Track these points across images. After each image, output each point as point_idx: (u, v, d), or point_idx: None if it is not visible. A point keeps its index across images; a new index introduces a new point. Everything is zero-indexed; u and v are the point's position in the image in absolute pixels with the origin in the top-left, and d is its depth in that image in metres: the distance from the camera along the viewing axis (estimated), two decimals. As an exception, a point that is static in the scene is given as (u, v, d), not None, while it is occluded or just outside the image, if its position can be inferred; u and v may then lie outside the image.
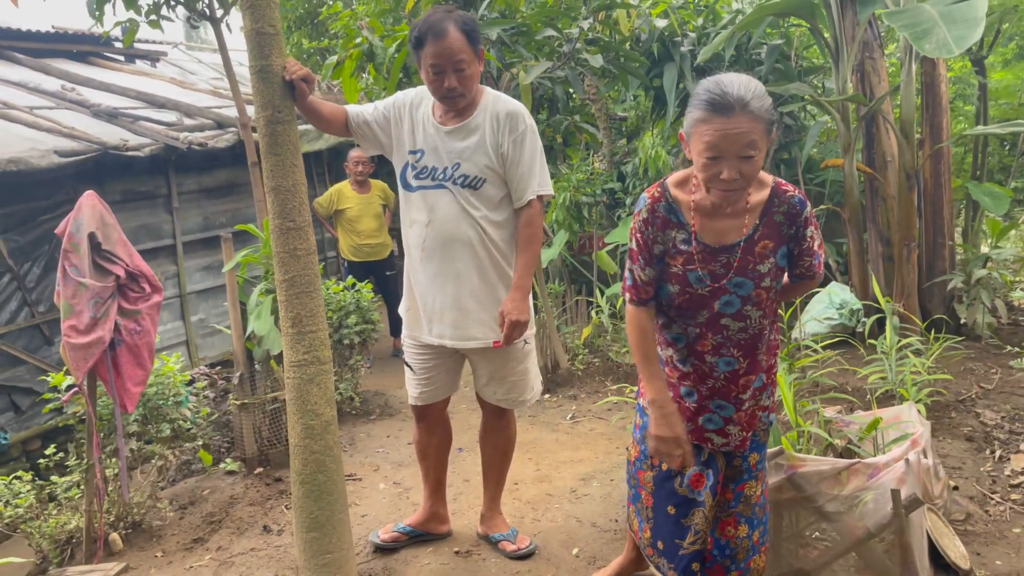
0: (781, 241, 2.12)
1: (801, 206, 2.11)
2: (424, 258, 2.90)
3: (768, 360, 2.29)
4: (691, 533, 2.35)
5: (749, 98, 1.91)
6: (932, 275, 5.57)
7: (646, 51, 6.53)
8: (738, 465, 2.33)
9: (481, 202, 2.85)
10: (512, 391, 3.11)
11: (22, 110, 5.60)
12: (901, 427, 3.26)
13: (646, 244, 2.19)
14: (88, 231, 3.16)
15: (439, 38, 2.66)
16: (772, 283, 2.14)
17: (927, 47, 4.13)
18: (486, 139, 2.81)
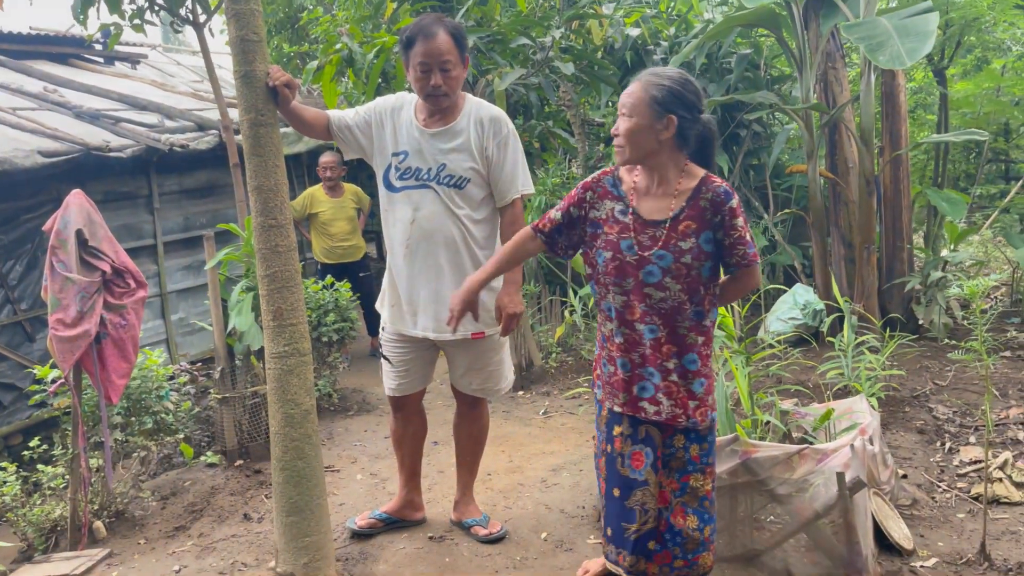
0: (705, 225, 2.35)
1: (726, 196, 2.34)
2: (408, 254, 3.03)
3: (699, 342, 2.42)
4: (638, 515, 2.46)
5: (647, 74, 2.36)
6: (891, 277, 5.79)
7: (619, 59, 6.72)
8: (681, 456, 2.45)
9: (464, 201, 3.00)
10: (488, 381, 3.27)
11: (5, 111, 5.68)
12: (852, 418, 3.45)
13: (574, 200, 2.56)
14: (75, 228, 3.28)
15: (428, 38, 2.83)
16: (693, 262, 2.34)
17: (881, 59, 4.34)
18: (471, 142, 2.96)
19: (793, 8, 5.52)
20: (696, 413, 2.42)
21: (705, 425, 2.45)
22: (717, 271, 2.42)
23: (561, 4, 5.34)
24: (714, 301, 2.45)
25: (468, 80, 5.11)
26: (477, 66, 4.93)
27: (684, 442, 2.46)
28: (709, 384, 2.45)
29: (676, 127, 2.31)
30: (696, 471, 2.46)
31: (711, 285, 2.41)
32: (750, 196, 6.96)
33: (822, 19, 5.64)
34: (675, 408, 2.41)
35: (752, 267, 2.41)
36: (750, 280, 2.47)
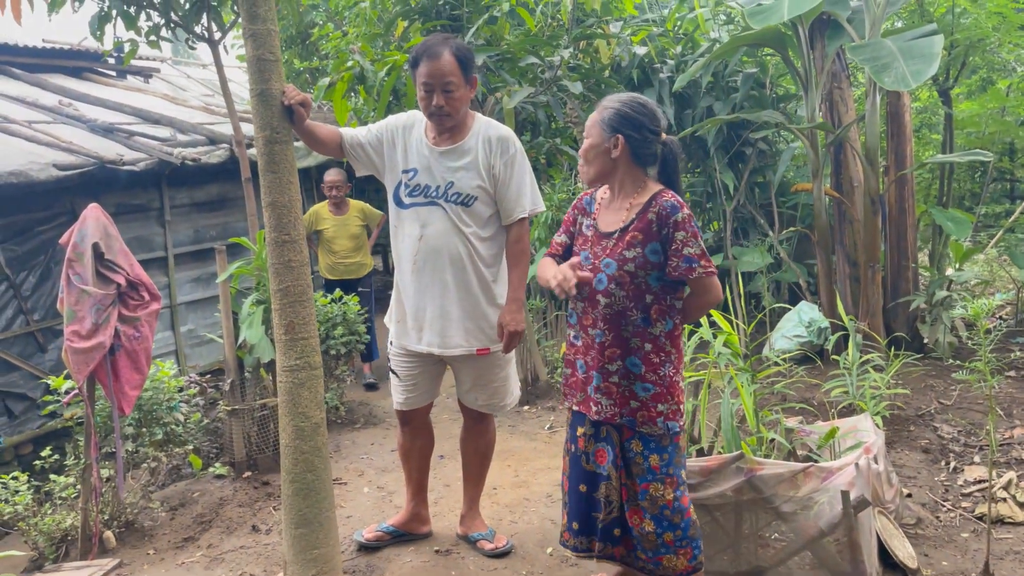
0: (651, 237, 2.47)
1: (672, 210, 2.45)
2: (415, 270, 3.09)
3: (645, 348, 2.50)
4: (603, 505, 2.61)
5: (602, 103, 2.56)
6: (896, 296, 5.82)
7: (626, 77, 6.79)
8: (639, 463, 2.54)
9: (471, 219, 3.05)
10: (494, 396, 3.30)
11: (21, 124, 5.76)
12: (857, 436, 3.47)
13: (569, 220, 2.78)
14: (92, 241, 3.34)
15: (432, 59, 2.90)
16: (637, 270, 2.46)
17: (886, 80, 4.39)
18: (478, 161, 3.02)
19: (799, 29, 5.58)
20: (637, 415, 2.51)
21: (659, 433, 2.52)
22: (671, 284, 2.51)
23: (569, 23, 5.41)
24: (667, 312, 2.52)
25: (477, 98, 5.18)
26: (486, 84, 5.00)
27: (642, 448, 2.54)
28: (661, 393, 2.52)
29: (624, 146, 2.49)
30: (656, 480, 2.54)
31: (663, 296, 2.50)
32: (755, 213, 7.01)
33: (827, 40, 5.71)
34: (613, 407, 2.54)
35: (698, 281, 2.47)
36: (704, 295, 2.52)
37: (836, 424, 3.53)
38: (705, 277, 2.46)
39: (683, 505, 2.58)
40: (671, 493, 2.55)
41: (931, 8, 7.50)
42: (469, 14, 5.14)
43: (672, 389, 2.54)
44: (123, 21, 4.87)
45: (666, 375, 2.52)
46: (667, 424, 2.52)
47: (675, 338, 2.56)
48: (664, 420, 2.52)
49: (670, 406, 2.52)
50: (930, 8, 7.50)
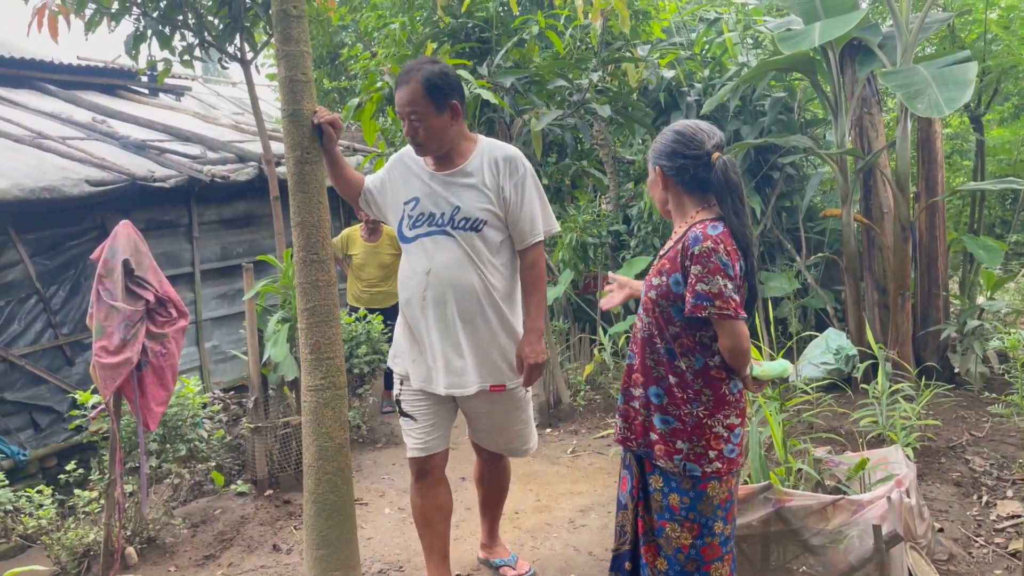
0: (676, 267, 2.37)
1: (693, 242, 2.31)
2: (426, 306, 2.91)
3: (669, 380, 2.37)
4: (617, 534, 2.56)
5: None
6: (926, 324, 5.73)
7: (653, 100, 6.78)
8: (658, 499, 2.42)
9: (483, 245, 2.87)
10: (515, 441, 3.12)
11: (56, 140, 5.87)
12: (888, 468, 3.40)
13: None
14: (122, 258, 3.37)
15: (400, 87, 2.83)
16: (658, 298, 2.39)
17: (919, 107, 4.35)
18: (485, 182, 2.86)
19: (829, 54, 5.55)
20: (655, 447, 2.39)
21: (675, 471, 2.37)
22: (697, 320, 2.34)
23: (598, 47, 5.42)
24: (695, 350, 2.36)
25: (505, 120, 5.19)
26: (514, 106, 5.01)
27: (662, 485, 2.41)
28: (683, 430, 2.36)
29: (662, 176, 2.47)
30: (673, 521, 2.39)
31: (689, 331, 2.36)
32: (782, 238, 6.95)
33: (858, 65, 5.67)
34: (627, 431, 2.50)
35: (716, 321, 2.29)
36: (722, 337, 2.32)
37: (866, 455, 3.46)
38: (719, 319, 2.27)
39: (702, 557, 2.39)
40: (689, 539, 2.38)
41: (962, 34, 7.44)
42: (498, 36, 5.17)
43: (700, 432, 2.36)
44: (158, 41, 4.95)
45: (693, 415, 2.36)
46: (685, 464, 2.35)
47: (711, 379, 2.36)
48: (682, 460, 2.35)
49: (693, 447, 2.35)
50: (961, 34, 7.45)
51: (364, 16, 6.96)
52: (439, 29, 5.34)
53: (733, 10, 7.83)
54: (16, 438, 5.06)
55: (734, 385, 2.41)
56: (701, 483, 2.37)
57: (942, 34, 7.21)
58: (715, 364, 2.37)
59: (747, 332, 2.33)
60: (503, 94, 4.91)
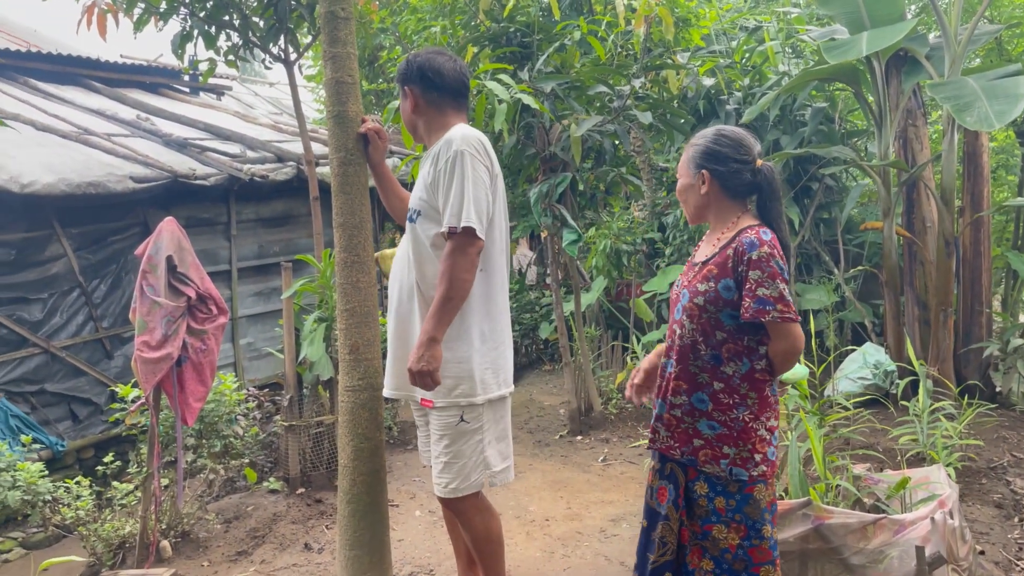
0: (725, 272, 2.36)
1: (749, 247, 2.30)
2: (395, 298, 2.88)
3: (714, 387, 2.37)
4: (657, 546, 2.49)
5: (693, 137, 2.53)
6: (968, 341, 5.61)
7: (693, 108, 6.74)
8: (704, 505, 2.41)
9: (422, 238, 2.67)
10: (442, 473, 2.68)
11: (101, 137, 5.97)
12: (929, 488, 3.33)
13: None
14: (166, 254, 3.41)
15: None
16: (706, 304, 2.36)
17: (968, 120, 4.26)
18: (425, 170, 2.70)
19: (875, 64, 5.47)
20: (700, 453, 2.39)
21: (722, 475, 2.37)
22: (747, 324, 2.35)
23: (641, 53, 5.39)
24: (743, 354, 2.36)
25: (544, 125, 5.18)
26: (554, 111, 5.00)
27: (707, 491, 2.41)
28: (729, 435, 2.36)
29: (711, 181, 2.44)
30: (720, 523, 2.39)
31: (738, 336, 2.36)
32: (820, 250, 6.86)
33: (904, 76, 5.58)
34: (670, 440, 2.45)
35: (774, 326, 2.29)
36: (778, 341, 2.32)
37: (907, 474, 3.39)
38: (781, 322, 2.28)
39: (750, 558, 2.39)
40: (736, 539, 2.39)
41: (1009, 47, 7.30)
42: (539, 42, 5.16)
43: (745, 435, 2.37)
44: (203, 40, 5.02)
45: (739, 419, 2.37)
46: (732, 469, 2.36)
47: (756, 383, 2.39)
48: (729, 464, 2.37)
49: (739, 452, 2.37)
50: (1008, 47, 7.30)
51: (404, 19, 7.00)
52: (480, 34, 5.35)
53: (775, 19, 7.76)
54: (55, 429, 5.14)
55: (773, 387, 2.44)
56: (748, 487, 2.38)
57: (989, 46, 7.08)
58: (760, 367, 2.38)
59: (803, 334, 2.36)
60: (543, 99, 4.90)
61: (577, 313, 5.80)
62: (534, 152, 5.29)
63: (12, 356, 4.96)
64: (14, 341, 4.98)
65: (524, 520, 4.09)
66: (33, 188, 4.71)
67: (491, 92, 4.35)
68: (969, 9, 6.64)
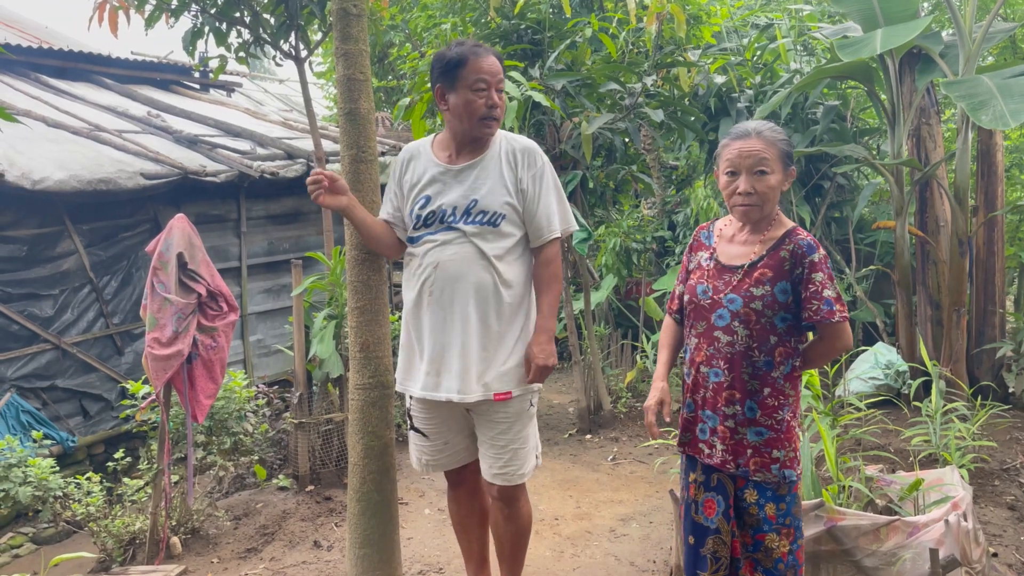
0: (782, 275, 2.32)
1: (809, 250, 2.30)
2: (431, 303, 2.68)
3: (763, 392, 2.34)
4: (709, 562, 2.43)
5: (763, 128, 2.34)
6: (981, 342, 5.57)
7: (703, 106, 6.70)
8: (754, 513, 2.37)
9: (498, 241, 2.68)
10: (511, 462, 2.75)
11: (112, 133, 5.98)
12: (943, 490, 3.30)
13: (684, 265, 2.58)
14: (177, 251, 3.41)
15: (482, 57, 2.59)
16: (764, 309, 2.31)
17: (983, 118, 4.22)
18: (503, 175, 2.68)
19: (888, 62, 5.43)
20: (751, 463, 2.35)
21: (774, 481, 2.36)
22: (796, 325, 2.36)
23: (652, 50, 5.36)
24: (790, 355, 2.37)
25: (555, 123, 5.17)
26: (565, 109, 4.98)
27: (757, 498, 2.38)
28: (776, 438, 2.35)
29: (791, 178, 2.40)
30: (772, 531, 2.38)
31: (787, 338, 2.35)
32: (832, 249, 6.82)
33: (918, 74, 5.54)
34: (726, 454, 2.39)
35: (833, 326, 2.31)
36: (835, 340, 2.35)
37: (920, 475, 3.36)
38: (842, 322, 2.30)
39: (798, 561, 2.40)
40: (787, 546, 2.38)
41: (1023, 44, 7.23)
42: (551, 39, 5.14)
43: (789, 435, 2.37)
44: (214, 37, 5.01)
45: (783, 420, 2.36)
46: (783, 472, 2.34)
47: (795, 381, 2.40)
48: (780, 468, 2.34)
49: (787, 453, 2.36)
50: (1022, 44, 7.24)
51: (414, 16, 6.98)
52: (491, 31, 5.33)
53: (786, 16, 7.71)
54: (65, 424, 5.16)
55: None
56: (795, 485, 2.40)
57: (1003, 44, 7.02)
58: (798, 366, 2.40)
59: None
60: (554, 96, 4.88)
61: (587, 311, 5.78)
62: (544, 149, 5.27)
63: (24, 352, 4.98)
64: (25, 337, 5.00)
65: (534, 519, 4.08)
66: (44, 184, 4.72)
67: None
68: (983, 7, 6.59)
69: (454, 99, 2.61)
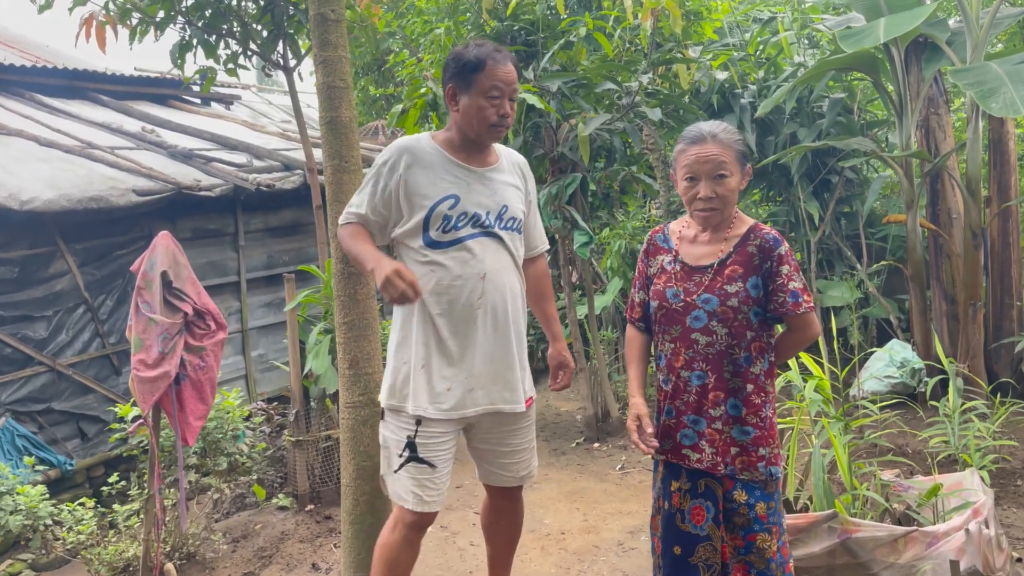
0: (752, 271, 2.33)
1: (775, 243, 2.33)
2: (482, 316, 2.52)
3: (747, 389, 2.33)
4: (703, 570, 2.38)
5: (718, 131, 2.31)
6: (999, 336, 5.41)
7: (706, 103, 6.57)
8: (744, 513, 2.33)
9: (520, 247, 2.69)
10: (532, 459, 2.78)
11: (104, 150, 5.90)
12: (963, 494, 3.16)
13: (641, 272, 2.55)
14: (161, 269, 3.31)
15: (501, 63, 2.47)
16: (740, 305, 2.31)
17: (993, 106, 4.08)
18: (516, 184, 2.67)
19: (894, 52, 5.28)
20: (736, 462, 2.33)
21: (762, 479, 2.34)
22: (765, 319, 2.37)
23: (648, 48, 5.24)
24: (764, 350, 2.37)
25: (551, 125, 5.05)
26: (561, 111, 4.86)
27: (746, 498, 2.34)
28: (762, 436, 2.34)
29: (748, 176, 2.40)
30: (763, 531, 2.34)
31: (760, 333, 2.36)
32: (842, 245, 6.67)
33: (924, 63, 5.38)
34: (716, 456, 2.35)
35: (800, 316, 2.32)
36: (804, 331, 2.37)
37: (939, 480, 3.22)
38: (808, 312, 2.32)
39: (784, 558, 2.37)
40: (775, 544, 2.36)
41: (1033, 29, 7.06)
42: (544, 39, 5.03)
43: (772, 432, 2.37)
44: (203, 50, 4.94)
45: (767, 417, 2.36)
46: (770, 469, 2.34)
47: (772, 377, 2.41)
48: (766, 465, 2.34)
49: (772, 450, 2.35)
50: (1032, 29, 7.06)
51: (410, 22, 6.89)
52: (484, 33, 5.22)
53: (789, 8, 7.57)
54: (63, 447, 5.08)
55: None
56: (777, 481, 2.38)
57: (1012, 30, 6.86)
58: (772, 359, 2.40)
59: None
60: (549, 98, 4.76)
61: (591, 316, 5.66)
62: (542, 153, 5.16)
63: (18, 375, 4.90)
64: (19, 360, 4.92)
65: (539, 534, 3.96)
66: (33, 205, 4.65)
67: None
68: (990, -8, 6.43)
69: (466, 102, 2.49)
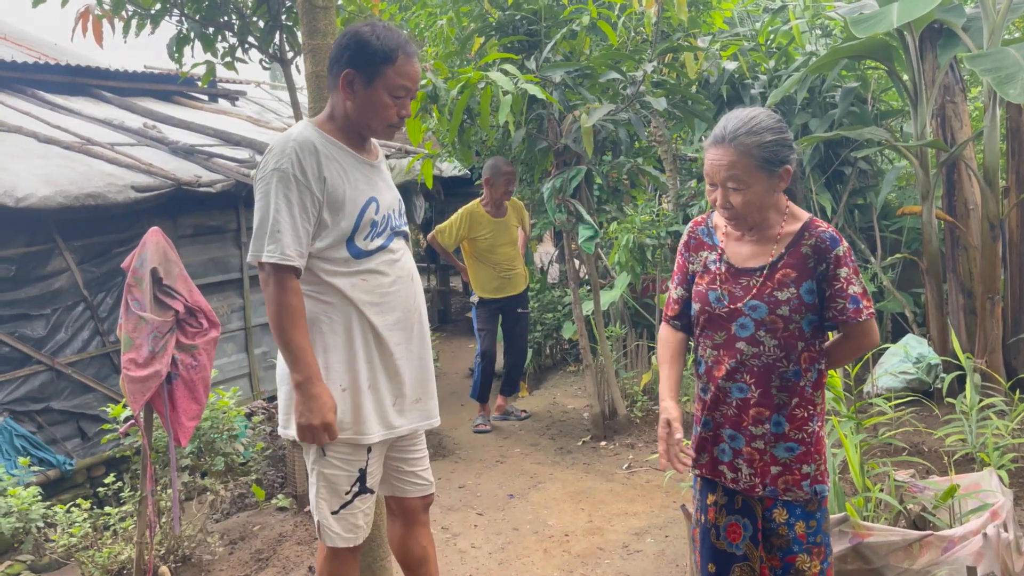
0: (806, 274, 2.10)
1: (832, 243, 2.09)
2: (417, 321, 2.40)
3: (791, 404, 2.13)
4: None
5: (740, 132, 2.03)
6: (1018, 331, 5.25)
7: (715, 94, 6.44)
8: (783, 534, 2.16)
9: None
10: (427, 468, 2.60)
11: (104, 146, 5.85)
12: (980, 496, 3.04)
13: (682, 266, 2.33)
14: (151, 266, 3.23)
15: (413, 58, 2.27)
16: (792, 314, 2.09)
17: (1011, 92, 3.94)
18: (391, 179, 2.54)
19: (908, 38, 5.13)
20: (779, 482, 2.14)
21: (805, 498, 2.15)
22: (820, 327, 2.15)
23: (654, 37, 5.12)
24: (815, 360, 2.15)
25: (555, 117, 4.94)
26: (564, 102, 4.75)
27: (787, 517, 2.17)
28: (807, 452, 2.14)
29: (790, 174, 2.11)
30: (802, 552, 2.16)
31: (813, 342, 2.14)
32: (855, 238, 6.52)
33: (940, 50, 5.22)
34: (753, 477, 2.16)
35: (859, 324, 2.09)
36: (863, 339, 2.14)
37: (955, 480, 3.09)
38: (870, 319, 2.09)
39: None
40: (818, 566, 2.17)
41: (1053, 15, 6.87)
42: (547, 29, 4.91)
43: (819, 447, 2.16)
44: (201, 43, 4.85)
45: (813, 432, 2.15)
46: (815, 488, 2.15)
47: (821, 387, 2.18)
48: (811, 483, 2.14)
49: (817, 467, 2.15)
50: (1052, 15, 6.87)
51: (414, 15, 6.78)
52: (486, 23, 5.12)
53: (800, -4, 7.41)
54: (63, 447, 5.03)
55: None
56: (824, 499, 2.19)
57: (1030, 15, 6.66)
58: (823, 370, 2.18)
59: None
60: (552, 89, 4.65)
61: (597, 312, 5.55)
62: (546, 146, 5.05)
63: (16, 375, 4.85)
64: (17, 359, 4.87)
65: (542, 536, 3.86)
66: (29, 202, 4.59)
67: (495, 84, 4.12)
68: (1008, -24, 6.24)
69: (366, 95, 2.25)
